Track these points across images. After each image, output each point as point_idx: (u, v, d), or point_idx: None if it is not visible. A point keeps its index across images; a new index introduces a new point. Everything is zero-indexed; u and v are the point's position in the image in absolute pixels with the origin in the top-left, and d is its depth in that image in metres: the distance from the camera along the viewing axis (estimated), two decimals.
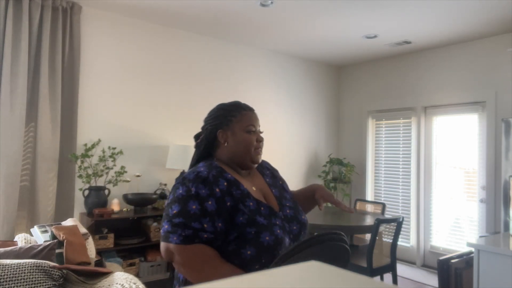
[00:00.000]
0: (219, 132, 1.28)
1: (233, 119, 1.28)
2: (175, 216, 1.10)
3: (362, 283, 0.43)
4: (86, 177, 3.35)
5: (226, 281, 0.43)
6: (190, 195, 1.12)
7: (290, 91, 5.10)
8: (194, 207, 1.10)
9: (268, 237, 1.12)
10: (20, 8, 3.10)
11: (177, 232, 1.08)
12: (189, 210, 1.10)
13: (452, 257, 2.22)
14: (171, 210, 1.12)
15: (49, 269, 2.07)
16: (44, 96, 3.20)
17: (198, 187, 1.12)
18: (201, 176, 1.14)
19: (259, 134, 1.31)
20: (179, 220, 1.09)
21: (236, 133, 1.27)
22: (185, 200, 1.11)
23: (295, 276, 0.45)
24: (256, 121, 1.31)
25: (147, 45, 3.89)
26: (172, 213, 1.11)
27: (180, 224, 1.08)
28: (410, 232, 4.77)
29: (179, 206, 1.11)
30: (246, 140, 1.26)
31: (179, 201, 1.12)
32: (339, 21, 3.74)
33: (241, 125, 1.27)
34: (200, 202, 1.11)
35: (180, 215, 1.10)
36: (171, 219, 1.10)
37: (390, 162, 5.03)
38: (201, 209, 1.10)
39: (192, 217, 1.09)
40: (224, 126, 1.28)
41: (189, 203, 1.10)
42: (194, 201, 1.11)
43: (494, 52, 4.09)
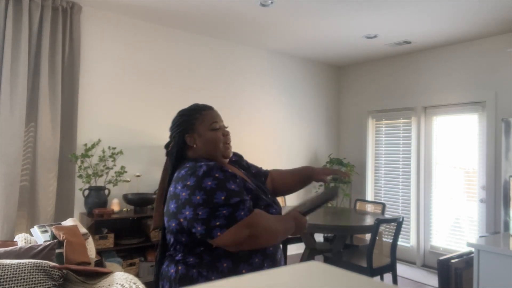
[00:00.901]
0: (187, 137, 1.34)
1: (196, 122, 1.34)
2: (228, 200, 1.14)
3: (362, 283, 0.43)
4: (86, 177, 3.35)
5: (226, 281, 0.43)
6: (222, 179, 1.17)
7: (290, 91, 5.10)
8: (233, 186, 1.17)
9: (274, 209, 1.28)
10: (20, 8, 3.10)
11: (239, 208, 1.13)
12: (233, 189, 1.16)
13: (452, 257, 2.22)
14: (218, 199, 1.14)
15: (49, 269, 2.07)
16: (44, 96, 3.21)
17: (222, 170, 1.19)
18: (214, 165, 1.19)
19: (224, 128, 1.37)
20: (234, 200, 1.14)
21: (202, 134, 1.33)
22: (222, 184, 1.15)
23: (295, 276, 0.45)
24: (218, 117, 1.37)
25: (147, 45, 3.89)
26: (222, 200, 1.13)
27: (238, 202, 1.14)
28: (410, 232, 4.77)
29: (223, 191, 1.14)
30: (213, 138, 1.33)
31: (219, 188, 1.15)
32: (339, 21, 3.74)
33: (204, 125, 1.34)
34: (233, 180, 1.19)
35: (231, 196, 1.15)
36: (227, 204, 1.13)
37: (390, 162, 5.03)
38: (238, 185, 1.19)
39: (240, 192, 1.18)
40: (189, 130, 1.34)
41: (227, 186, 1.16)
42: (229, 181, 1.17)
43: (494, 52, 4.09)
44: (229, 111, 4.49)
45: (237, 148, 4.54)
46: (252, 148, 4.69)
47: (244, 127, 4.62)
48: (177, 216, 1.18)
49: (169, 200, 1.22)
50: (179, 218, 1.17)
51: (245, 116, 4.64)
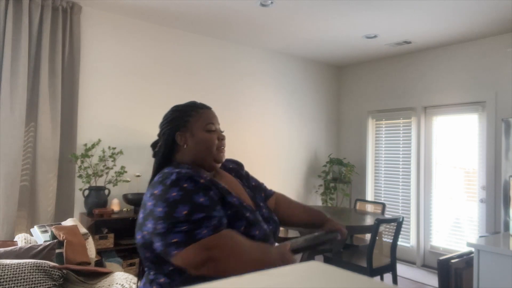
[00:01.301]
0: (178, 135, 1.21)
1: (191, 119, 1.22)
2: (190, 215, 0.98)
3: (362, 283, 0.43)
4: (86, 177, 3.35)
5: (226, 281, 0.43)
6: (190, 190, 1.02)
7: (290, 91, 5.10)
8: (202, 199, 1.02)
9: (258, 231, 1.10)
10: (20, 8, 3.10)
11: (202, 225, 0.98)
12: (200, 203, 1.01)
13: (452, 257, 2.22)
14: (178, 214, 0.99)
15: (49, 269, 2.07)
16: (44, 96, 3.21)
17: (192, 180, 1.04)
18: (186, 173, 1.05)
19: (219, 132, 1.25)
20: (198, 216, 0.99)
21: (195, 134, 1.21)
22: (188, 197, 1.01)
23: (295, 276, 0.45)
24: (215, 119, 1.25)
25: (147, 45, 3.89)
26: (183, 215, 0.98)
27: (202, 218, 0.99)
28: (410, 232, 4.77)
29: (186, 205, 0.99)
30: (206, 140, 1.20)
31: (182, 201, 1.00)
32: (339, 21, 3.74)
33: (199, 125, 1.22)
34: (204, 192, 1.03)
35: (196, 211, 0.99)
36: (187, 220, 0.98)
37: (390, 162, 5.03)
38: (208, 199, 1.03)
39: (208, 207, 1.01)
40: (182, 127, 1.22)
41: (194, 198, 1.01)
42: (198, 194, 1.02)
43: (494, 52, 4.09)
44: (229, 111, 4.49)
45: (237, 148, 4.54)
46: (252, 148, 4.69)
47: (244, 127, 4.62)
48: (141, 228, 1.04)
49: (140, 209, 1.09)
50: (143, 230, 1.04)
51: (245, 116, 4.64)
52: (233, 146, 4.50)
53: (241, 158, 4.57)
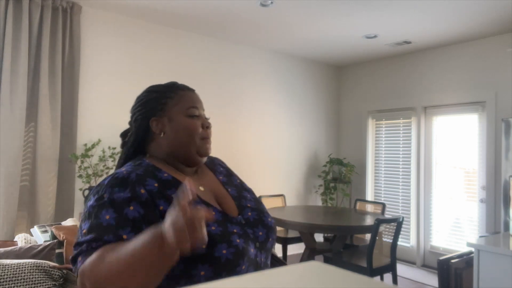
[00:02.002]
0: (153, 121, 1.01)
1: (169, 102, 1.02)
2: (85, 235, 0.81)
3: (362, 283, 0.43)
4: (86, 177, 3.35)
5: (226, 281, 0.43)
6: (102, 203, 0.84)
7: (290, 91, 5.10)
8: (107, 217, 0.82)
9: (225, 249, 0.86)
10: (20, 8, 3.10)
11: (83, 249, 0.80)
12: (101, 222, 0.82)
13: (452, 257, 2.22)
14: (81, 231, 0.83)
15: (49, 269, 2.07)
16: (44, 96, 3.20)
17: (113, 192, 0.86)
18: (118, 178, 0.88)
19: (204, 119, 1.04)
20: (86, 238, 0.80)
21: (174, 119, 1.00)
22: (96, 211, 0.84)
23: (295, 276, 0.45)
24: (198, 103, 1.04)
25: (147, 45, 3.89)
26: (82, 233, 0.83)
27: (88, 241, 0.80)
28: (410, 232, 4.77)
29: (89, 221, 0.83)
30: (188, 126, 1.00)
31: (89, 215, 0.84)
32: (339, 21, 3.74)
33: (179, 108, 1.01)
34: (116, 209, 0.83)
35: (91, 231, 0.81)
36: (79, 242, 0.81)
37: (390, 162, 5.03)
38: (118, 217, 0.82)
39: (105, 229, 0.81)
40: (159, 112, 1.01)
41: (101, 213, 0.83)
42: (108, 209, 0.83)
43: (494, 52, 4.09)
44: (229, 111, 4.49)
45: (237, 148, 4.54)
46: (252, 148, 4.69)
47: (244, 127, 4.62)
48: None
49: None
50: None
51: (245, 116, 4.64)
52: (233, 146, 4.50)
53: (241, 158, 4.57)
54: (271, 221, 1.05)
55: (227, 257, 0.86)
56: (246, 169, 4.61)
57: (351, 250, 3.66)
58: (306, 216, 3.49)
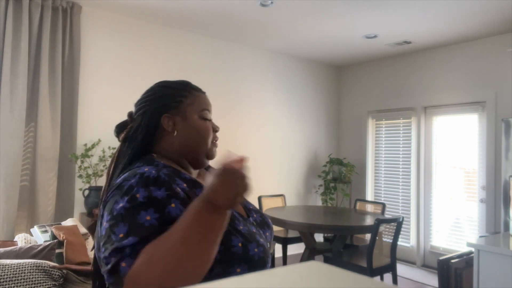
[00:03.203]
0: (164, 118, 0.96)
1: (184, 100, 0.97)
2: (123, 239, 0.74)
3: (362, 283, 0.43)
4: (86, 177, 3.35)
5: (226, 281, 0.43)
6: (138, 203, 0.77)
7: (290, 91, 5.10)
8: (148, 217, 0.76)
9: (256, 248, 0.85)
10: (20, 8, 3.10)
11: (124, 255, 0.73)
12: (142, 223, 0.75)
13: (452, 257, 2.22)
14: (115, 236, 0.75)
15: (49, 269, 2.07)
16: (44, 96, 3.20)
17: (149, 191, 0.79)
18: (148, 176, 0.82)
19: (214, 123, 1.03)
20: (132, 240, 0.74)
21: (188, 118, 0.97)
22: (132, 213, 0.76)
23: (295, 276, 0.45)
24: (210, 107, 1.02)
25: (147, 45, 3.89)
26: (118, 238, 0.75)
27: (132, 245, 0.74)
28: (410, 232, 4.77)
29: (124, 224, 0.75)
30: (202, 128, 0.97)
31: (123, 218, 0.76)
32: (339, 21, 3.74)
33: (194, 109, 0.97)
34: (156, 208, 0.77)
35: (131, 233, 0.74)
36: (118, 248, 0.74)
37: (390, 162, 5.03)
38: (160, 217, 0.77)
39: (148, 230, 0.75)
40: (172, 109, 0.96)
41: (139, 215, 0.76)
42: (147, 209, 0.77)
43: (494, 52, 4.09)
44: (229, 111, 4.49)
45: (237, 148, 4.54)
46: (252, 148, 4.69)
47: (244, 127, 4.62)
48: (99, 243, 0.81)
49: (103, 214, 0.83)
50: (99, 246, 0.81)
51: (245, 116, 4.64)
52: (233, 146, 4.50)
53: None
54: (270, 222, 1.06)
55: (259, 255, 0.85)
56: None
57: (351, 250, 3.66)
58: (306, 216, 3.49)
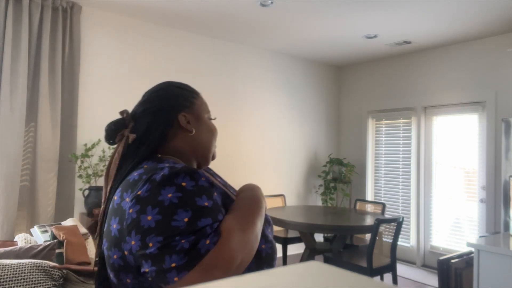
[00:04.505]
0: (182, 116, 0.93)
1: (195, 101, 0.97)
2: (192, 223, 0.73)
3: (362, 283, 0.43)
4: (86, 177, 3.35)
5: (226, 281, 0.43)
6: (190, 191, 0.76)
7: (290, 91, 5.10)
8: (205, 203, 0.77)
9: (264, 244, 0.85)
10: (20, 8, 3.10)
11: (205, 234, 0.73)
12: (204, 205, 0.76)
13: (452, 257, 2.22)
14: (178, 222, 0.73)
15: (49, 269, 2.07)
16: (44, 96, 3.21)
17: (194, 178, 0.78)
18: (184, 167, 0.80)
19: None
20: (203, 222, 0.74)
21: (201, 118, 0.96)
22: (187, 199, 0.75)
23: (295, 276, 0.45)
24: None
25: (147, 45, 3.89)
26: (184, 223, 0.73)
27: (207, 226, 0.75)
28: (410, 232, 4.77)
29: (185, 210, 0.74)
30: (214, 128, 0.99)
31: (181, 206, 0.74)
32: (339, 21, 3.74)
33: (204, 109, 0.98)
34: (208, 196, 0.78)
35: (200, 216, 0.74)
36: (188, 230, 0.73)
37: (390, 162, 5.03)
38: (214, 203, 0.79)
39: (213, 210, 0.77)
40: (187, 108, 0.94)
41: (194, 200, 0.76)
42: (201, 196, 0.77)
43: (494, 52, 4.09)
44: (229, 111, 4.49)
45: (236, 148, 4.54)
46: (252, 148, 4.69)
47: (244, 127, 4.62)
48: (120, 245, 0.77)
49: (111, 216, 0.81)
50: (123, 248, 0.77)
51: (245, 116, 4.64)
52: (233, 146, 4.50)
53: (241, 158, 4.57)
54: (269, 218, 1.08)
55: (267, 251, 0.86)
56: (246, 169, 4.61)
57: (351, 250, 3.66)
58: (306, 216, 3.49)
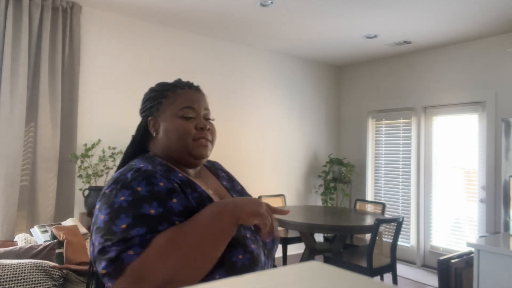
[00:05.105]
0: (150, 120, 1.00)
1: (164, 102, 0.98)
2: (128, 229, 0.75)
3: (362, 283, 0.43)
4: (86, 177, 3.35)
5: (226, 281, 0.43)
6: (141, 197, 0.78)
7: (290, 91, 5.10)
8: (152, 211, 0.77)
9: (241, 255, 0.83)
10: (20, 8, 3.10)
11: (134, 243, 0.74)
12: (147, 214, 0.77)
13: (452, 257, 2.22)
14: (117, 227, 0.75)
15: (49, 269, 2.07)
16: (44, 96, 3.20)
17: (151, 184, 0.81)
18: (146, 171, 0.83)
19: (201, 120, 0.98)
20: (138, 231, 0.75)
21: (166, 120, 0.97)
22: (135, 205, 0.77)
23: (295, 276, 0.45)
24: (195, 103, 0.99)
25: (147, 45, 3.89)
26: (121, 229, 0.75)
27: (137, 237, 0.74)
28: (410, 232, 4.77)
29: (127, 216, 0.76)
30: (178, 128, 0.95)
31: (125, 210, 0.77)
32: (339, 21, 3.74)
33: (173, 109, 0.97)
34: (160, 203, 0.79)
35: (137, 224, 0.75)
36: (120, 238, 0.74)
37: (390, 162, 5.03)
38: (164, 211, 0.78)
39: (156, 219, 0.76)
40: (155, 111, 0.99)
41: (142, 207, 0.77)
42: (150, 203, 0.78)
43: (494, 52, 4.09)
44: (229, 111, 4.49)
45: (236, 149, 4.54)
46: (252, 148, 4.69)
47: (244, 127, 4.62)
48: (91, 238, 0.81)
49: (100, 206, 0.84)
50: (93, 241, 0.80)
51: (245, 116, 4.64)
52: (233, 146, 4.50)
53: (241, 158, 4.57)
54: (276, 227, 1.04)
55: (243, 262, 0.83)
56: (246, 169, 4.61)
57: (351, 250, 3.66)
58: (306, 216, 3.49)
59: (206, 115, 1.01)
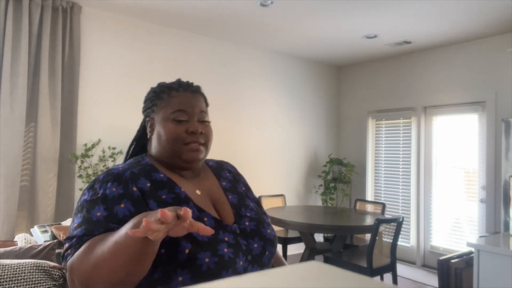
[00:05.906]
0: (147, 121, 1.02)
1: (158, 104, 0.99)
2: (76, 229, 0.82)
3: (362, 283, 0.43)
4: (86, 177, 3.35)
5: (226, 281, 0.43)
6: (96, 199, 0.84)
7: (290, 91, 5.10)
8: (98, 214, 0.82)
9: (208, 258, 0.83)
10: (20, 8, 3.10)
11: (73, 243, 0.80)
12: (91, 217, 0.82)
13: (452, 257, 2.22)
14: (72, 225, 0.84)
15: (49, 269, 2.07)
16: (44, 96, 3.21)
17: (107, 187, 0.86)
18: (112, 173, 0.89)
19: (194, 123, 0.97)
20: (80, 231, 0.81)
21: (159, 123, 0.98)
22: (88, 206, 0.84)
23: (295, 276, 0.45)
24: (188, 106, 0.97)
25: (147, 45, 3.89)
26: (73, 227, 0.83)
27: (75, 237, 0.81)
28: (410, 232, 4.77)
29: (80, 215, 0.83)
30: (167, 132, 0.95)
31: (82, 209, 0.85)
32: (339, 21, 3.74)
33: (165, 111, 0.97)
34: (107, 206, 0.83)
35: (82, 225, 0.81)
36: (70, 235, 0.82)
37: (390, 162, 5.03)
38: (108, 215, 0.82)
39: (95, 224, 0.81)
40: (151, 113, 1.01)
41: (93, 209, 0.83)
42: (100, 205, 0.83)
43: (494, 52, 4.09)
44: (229, 111, 4.49)
45: (237, 149, 4.54)
46: (252, 149, 4.69)
47: (244, 127, 4.62)
48: None
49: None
50: None
51: (245, 116, 4.64)
52: (233, 146, 4.50)
53: (241, 159, 4.57)
54: (270, 233, 1.00)
55: (208, 266, 0.82)
56: (246, 169, 4.61)
57: (351, 250, 3.66)
58: (306, 216, 3.49)
59: (201, 118, 0.99)
